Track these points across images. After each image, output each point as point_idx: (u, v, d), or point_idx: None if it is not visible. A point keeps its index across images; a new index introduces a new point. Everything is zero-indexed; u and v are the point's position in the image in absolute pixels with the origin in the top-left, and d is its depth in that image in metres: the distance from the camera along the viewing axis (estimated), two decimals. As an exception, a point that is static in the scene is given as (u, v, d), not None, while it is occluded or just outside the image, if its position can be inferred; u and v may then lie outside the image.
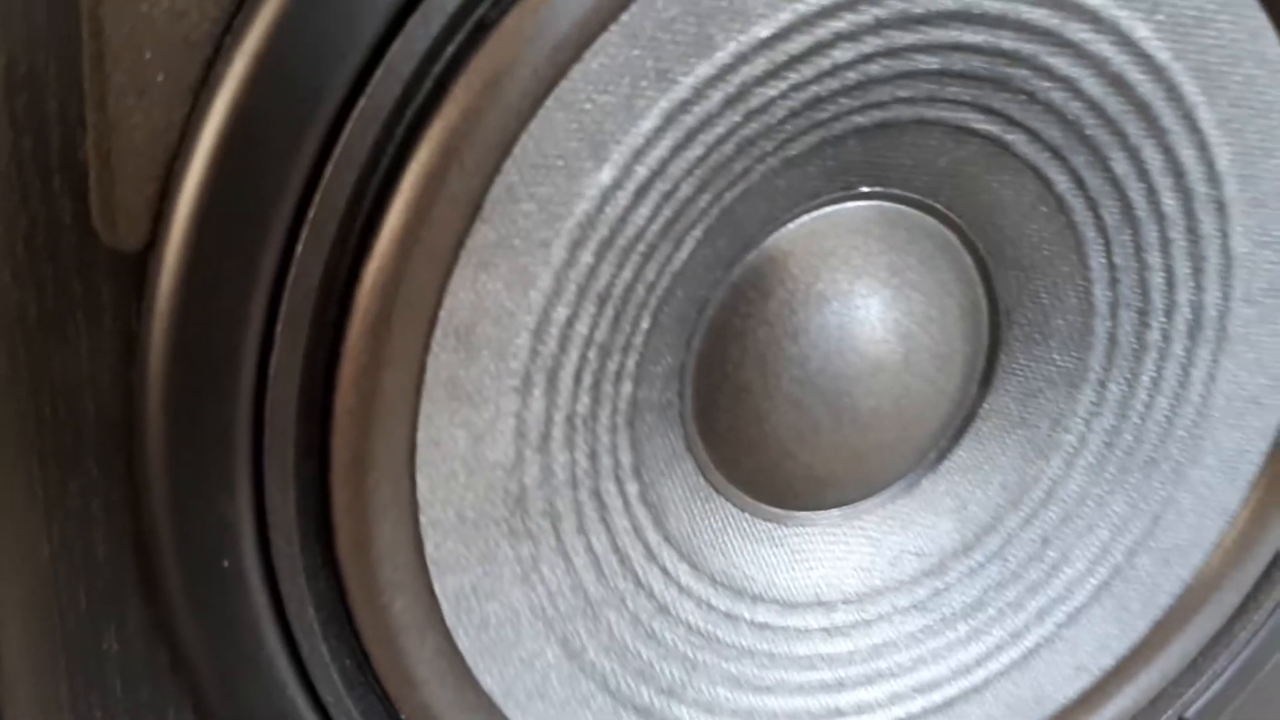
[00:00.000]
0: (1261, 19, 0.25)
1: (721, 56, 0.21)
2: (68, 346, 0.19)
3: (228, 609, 0.21)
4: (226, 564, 0.20)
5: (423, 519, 0.22)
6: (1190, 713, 0.32)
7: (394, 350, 0.20)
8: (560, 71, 0.19)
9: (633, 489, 0.26)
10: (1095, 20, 0.24)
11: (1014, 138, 0.26)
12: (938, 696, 0.30)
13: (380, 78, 0.18)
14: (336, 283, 0.19)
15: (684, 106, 0.21)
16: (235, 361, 0.19)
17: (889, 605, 0.30)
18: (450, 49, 0.18)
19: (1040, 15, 0.23)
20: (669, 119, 0.21)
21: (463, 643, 0.23)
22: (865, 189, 0.26)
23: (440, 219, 0.19)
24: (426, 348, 0.21)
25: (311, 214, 0.19)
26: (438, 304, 0.21)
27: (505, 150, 0.20)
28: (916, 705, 0.30)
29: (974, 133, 0.26)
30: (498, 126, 0.19)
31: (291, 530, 0.20)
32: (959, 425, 0.30)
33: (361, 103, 0.18)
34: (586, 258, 0.22)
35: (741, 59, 0.21)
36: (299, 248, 0.19)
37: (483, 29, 0.19)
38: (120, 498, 0.20)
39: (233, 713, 0.22)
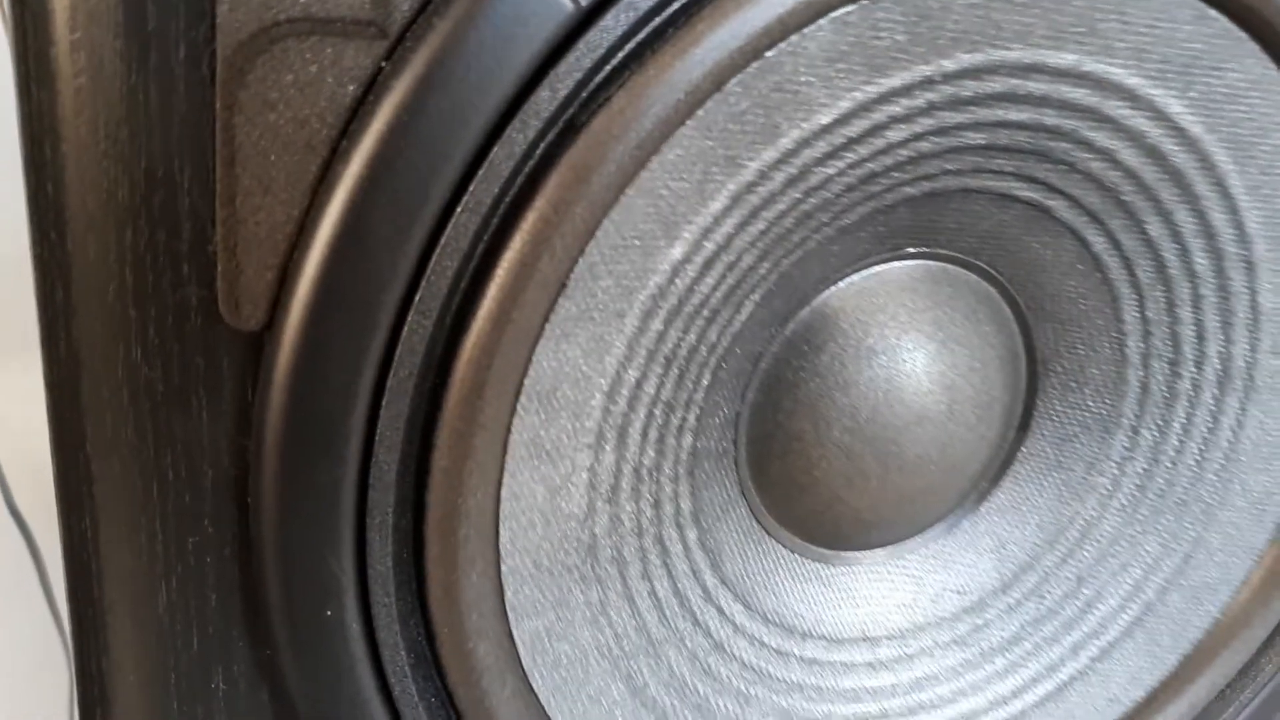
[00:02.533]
0: (1290, 94, 0.27)
1: (785, 142, 0.23)
2: (189, 416, 0.21)
3: (329, 653, 0.23)
4: (329, 613, 0.22)
5: (504, 567, 0.24)
6: (1218, 743, 0.34)
7: (485, 415, 0.22)
8: (640, 164, 0.22)
9: (692, 534, 0.28)
10: (1132, 98, 0.26)
11: (1054, 203, 0.28)
12: (976, 728, 0.32)
13: (481, 176, 0.20)
14: (435, 357, 0.21)
15: (750, 188, 0.23)
16: (344, 429, 0.21)
17: (931, 640, 0.32)
18: (543, 148, 0.21)
19: (1081, 94, 0.25)
20: (736, 199, 0.23)
21: (537, 683, 0.25)
22: (912, 249, 0.28)
23: (530, 299, 0.22)
24: (513, 411, 0.23)
25: (417, 298, 0.21)
26: (524, 372, 0.23)
27: (589, 235, 0.22)
28: (956, 736, 0.32)
29: (1016, 199, 0.28)
30: (584, 215, 0.21)
31: (389, 581, 0.23)
32: (998, 468, 0.32)
33: (464, 199, 0.20)
34: (656, 325, 0.24)
35: (803, 143, 0.23)
36: (405, 328, 0.21)
37: (573, 130, 0.21)
38: (232, 552, 0.22)
39: (327, 747, 0.24)
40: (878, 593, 0.31)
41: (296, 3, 0.19)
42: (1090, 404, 0.31)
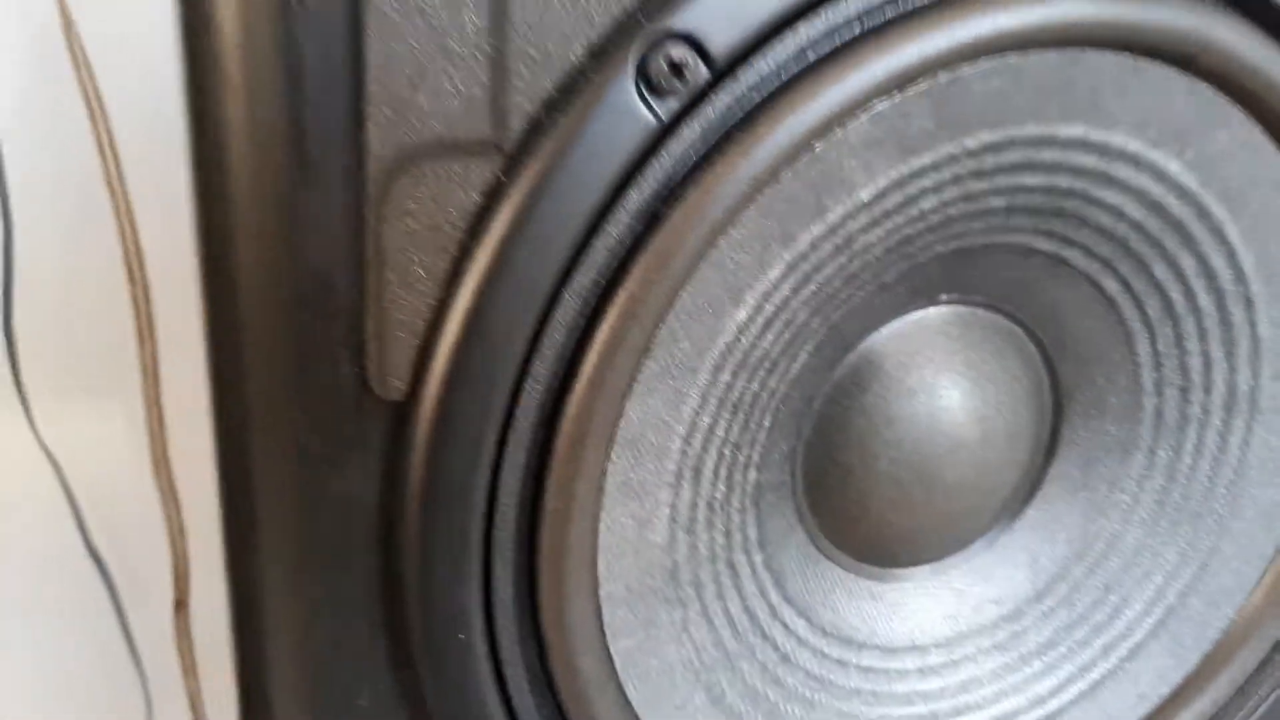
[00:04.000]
0: (1273, 150, 0.31)
1: (831, 217, 0.27)
2: (342, 475, 0.25)
3: (460, 673, 0.27)
4: (461, 637, 0.26)
5: (602, 593, 0.28)
6: (1241, 733, 0.37)
7: (586, 463, 0.26)
8: (710, 244, 0.26)
9: (758, 558, 0.32)
10: (1135, 161, 0.30)
11: (1070, 253, 0.32)
12: (1018, 725, 0.36)
13: (582, 265, 0.24)
14: (544, 415, 0.26)
15: (802, 257, 0.28)
16: (472, 481, 0.25)
17: (973, 647, 0.35)
18: (631, 238, 0.25)
19: (1090, 160, 0.29)
20: (791, 267, 0.28)
21: (632, 694, 0.29)
22: (945, 298, 0.32)
23: (622, 363, 0.26)
24: (608, 458, 0.27)
25: (530, 367, 0.25)
26: (616, 424, 0.27)
27: (669, 305, 0.26)
28: (1001, 732, 0.35)
29: (1036, 251, 0.32)
30: (665, 290, 0.25)
31: (509, 608, 0.27)
32: (1029, 490, 0.36)
33: (568, 284, 0.24)
34: (725, 377, 0.28)
35: (847, 217, 0.27)
36: (521, 393, 0.25)
37: (656, 221, 0.25)
38: (377, 588, 0.26)
39: (453, 754, 0.28)
40: (924, 605, 0.35)
41: (431, 130, 0.23)
42: (1110, 429, 0.35)
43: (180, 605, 0.66)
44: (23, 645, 0.69)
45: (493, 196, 0.24)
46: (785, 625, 0.33)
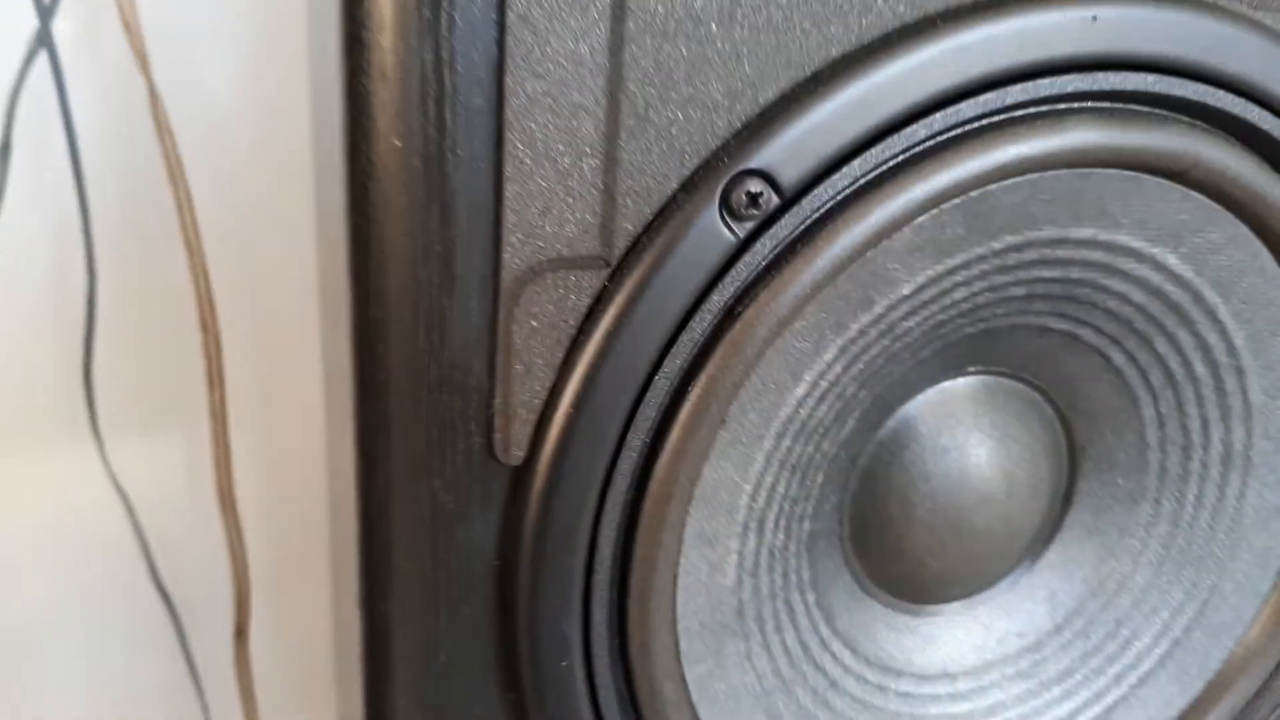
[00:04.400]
0: (1258, 245, 0.36)
1: (877, 309, 0.33)
2: (468, 526, 0.31)
3: (562, 694, 0.33)
4: (564, 664, 0.32)
5: (679, 627, 0.34)
6: (1241, 754, 0.42)
7: (669, 517, 0.32)
8: (777, 334, 0.32)
9: (811, 597, 0.38)
10: (1137, 256, 0.35)
11: (1082, 331, 0.37)
12: (1039, 745, 0.41)
13: (671, 354, 0.30)
14: (636, 477, 0.31)
15: (852, 342, 0.33)
16: (577, 531, 0.31)
17: (999, 674, 0.41)
18: (711, 331, 0.31)
19: (1098, 256, 0.35)
20: (842, 350, 0.33)
21: (704, 714, 0.35)
22: (973, 369, 0.38)
23: (702, 434, 0.32)
24: (687, 513, 0.33)
25: (627, 437, 0.31)
26: (695, 484, 0.33)
27: (741, 384, 0.32)
28: (1024, 752, 0.41)
29: (1052, 330, 0.37)
30: (738, 373, 0.31)
31: (603, 639, 0.32)
32: (1048, 535, 0.41)
33: (660, 369, 0.30)
34: (786, 442, 0.34)
35: (890, 309, 0.33)
36: (619, 458, 0.31)
37: (731, 317, 0.31)
38: (493, 621, 0.32)
39: (552, 765, 0.34)
40: (955, 637, 0.41)
41: (554, 250, 0.29)
42: (1120, 482, 0.40)
43: (240, 633, 0.72)
44: (89, 669, 0.74)
45: (600, 300, 0.30)
46: (833, 655, 0.38)
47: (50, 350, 0.66)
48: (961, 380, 0.38)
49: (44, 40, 0.59)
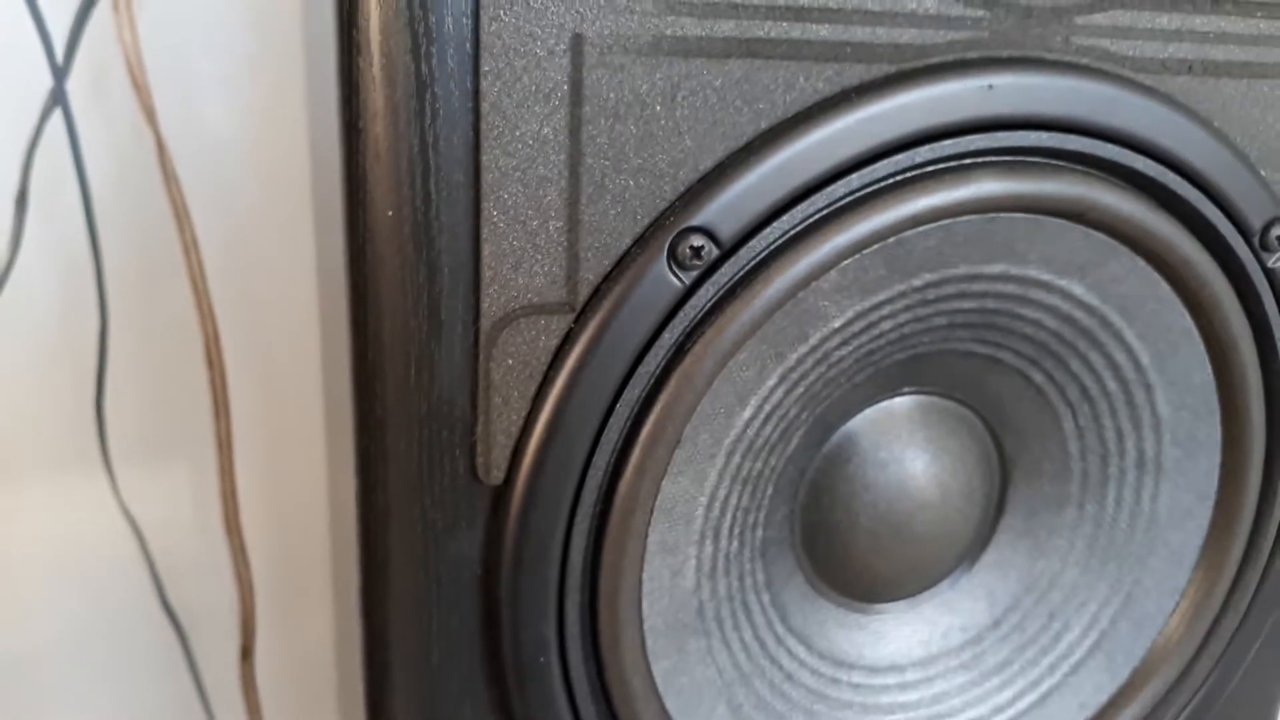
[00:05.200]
0: (1156, 275, 0.42)
1: (812, 340, 0.38)
2: (455, 541, 0.36)
3: (541, 688, 0.38)
4: (542, 660, 0.37)
5: (645, 626, 0.39)
6: (1166, 735, 0.47)
7: (634, 528, 0.37)
8: (723, 365, 0.37)
9: (766, 598, 0.43)
10: (1047, 287, 0.41)
11: (1002, 355, 0.43)
12: (982, 729, 0.46)
13: (630, 384, 0.35)
14: (603, 493, 0.37)
15: (791, 370, 0.39)
16: (551, 543, 0.36)
17: (943, 666, 0.46)
18: (664, 365, 0.36)
19: (1011, 288, 0.40)
20: (783, 377, 0.39)
21: (670, 705, 0.40)
22: (906, 390, 0.43)
23: (659, 453, 0.37)
24: (649, 523, 0.38)
25: (593, 459, 0.36)
26: (655, 498, 0.38)
27: (693, 410, 0.37)
28: (967, 736, 0.46)
29: (974, 354, 0.43)
30: (691, 399, 0.37)
31: (576, 638, 0.38)
32: (984, 538, 0.46)
33: (620, 398, 0.35)
34: (736, 459, 0.39)
35: (824, 340, 0.38)
36: (586, 477, 0.36)
37: (681, 353, 0.36)
38: (479, 623, 0.37)
39: (535, 751, 0.39)
40: (902, 633, 0.46)
41: (525, 299, 0.34)
42: (1047, 488, 0.46)
43: (246, 654, 0.77)
44: (101, 691, 0.79)
45: (567, 340, 0.35)
46: (789, 651, 0.43)
47: (64, 385, 0.71)
48: (897, 400, 0.44)
49: (58, 98, 0.64)
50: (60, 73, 0.64)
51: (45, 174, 0.66)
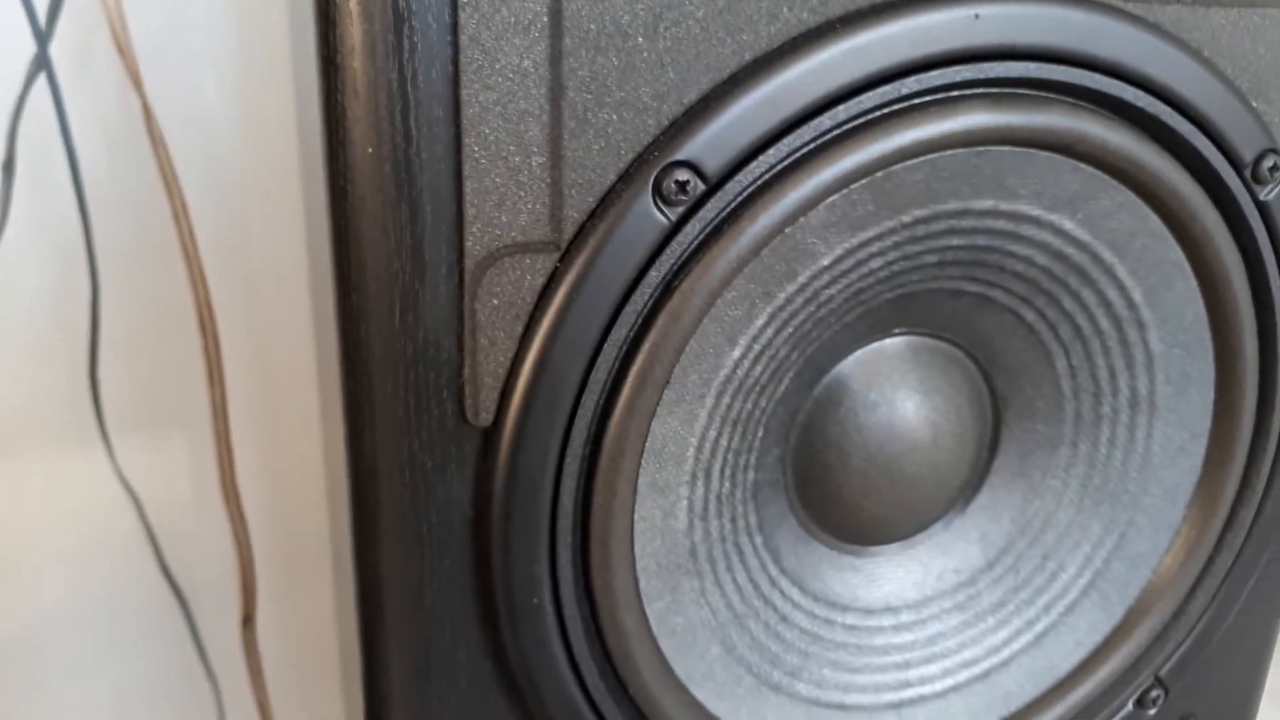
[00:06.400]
0: (1146, 209, 0.41)
1: (801, 279, 0.38)
2: (445, 482, 0.36)
3: (534, 629, 0.38)
4: (535, 601, 0.37)
5: (638, 567, 0.39)
6: (1162, 672, 0.47)
7: (624, 469, 0.37)
8: (710, 304, 0.36)
9: (759, 540, 0.43)
10: (1037, 222, 0.40)
11: (993, 293, 0.42)
12: (977, 670, 0.46)
13: (618, 323, 0.35)
14: (592, 434, 0.36)
15: (780, 309, 0.38)
16: (541, 484, 0.36)
17: (938, 607, 0.46)
18: (652, 303, 0.35)
19: (1001, 224, 0.40)
20: (772, 316, 0.38)
21: (663, 645, 0.40)
22: (897, 330, 0.43)
23: (648, 393, 0.37)
24: (640, 464, 0.38)
25: (581, 399, 0.36)
26: (645, 438, 0.37)
27: (681, 349, 0.37)
28: (962, 676, 0.46)
29: (965, 292, 0.42)
30: (679, 338, 0.36)
31: (569, 578, 0.37)
32: (977, 479, 0.46)
33: (608, 337, 0.35)
34: (725, 400, 0.39)
35: (813, 278, 0.38)
36: (575, 418, 0.36)
37: (669, 290, 0.36)
38: (471, 566, 0.37)
39: (531, 695, 0.39)
40: (896, 575, 0.46)
41: (510, 237, 0.34)
42: (1040, 428, 0.45)
43: (248, 620, 0.77)
44: (105, 661, 0.79)
45: (553, 280, 0.35)
46: (782, 593, 0.43)
47: (57, 356, 0.71)
48: (888, 340, 0.43)
49: (42, 63, 0.63)
50: (43, 38, 0.64)
51: (32, 141, 0.66)
